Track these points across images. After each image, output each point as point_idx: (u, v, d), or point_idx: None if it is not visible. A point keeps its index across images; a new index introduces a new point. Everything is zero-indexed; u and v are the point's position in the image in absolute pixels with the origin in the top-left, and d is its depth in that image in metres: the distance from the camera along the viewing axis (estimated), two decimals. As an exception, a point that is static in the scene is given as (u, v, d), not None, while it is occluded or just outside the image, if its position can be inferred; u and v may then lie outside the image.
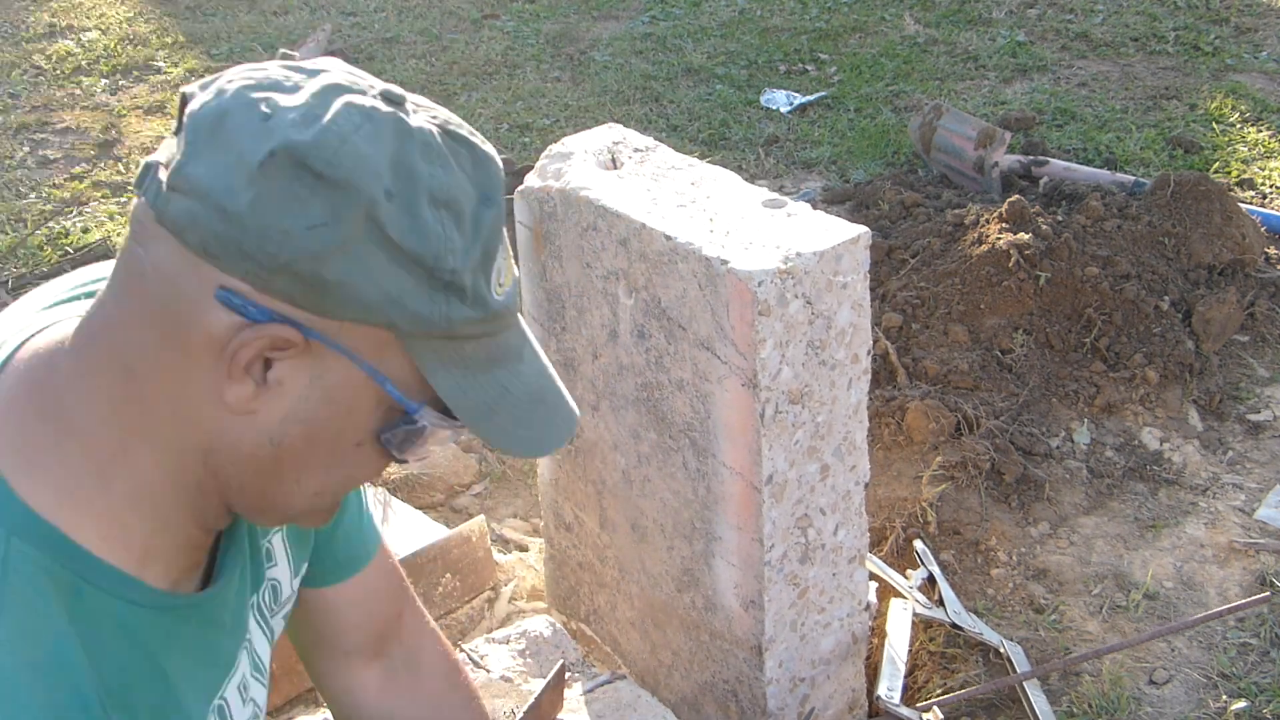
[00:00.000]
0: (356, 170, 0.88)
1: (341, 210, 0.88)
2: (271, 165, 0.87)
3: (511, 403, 1.00)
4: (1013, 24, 5.59)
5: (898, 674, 2.20)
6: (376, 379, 0.95)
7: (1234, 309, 3.18)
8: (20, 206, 4.37)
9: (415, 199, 0.90)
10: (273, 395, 0.93)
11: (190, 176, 0.88)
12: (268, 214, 0.87)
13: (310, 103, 0.90)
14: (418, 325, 0.93)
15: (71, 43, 5.89)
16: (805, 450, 1.83)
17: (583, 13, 6.08)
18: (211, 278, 0.89)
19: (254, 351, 0.90)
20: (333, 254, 0.88)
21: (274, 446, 0.96)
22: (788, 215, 1.81)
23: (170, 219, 0.89)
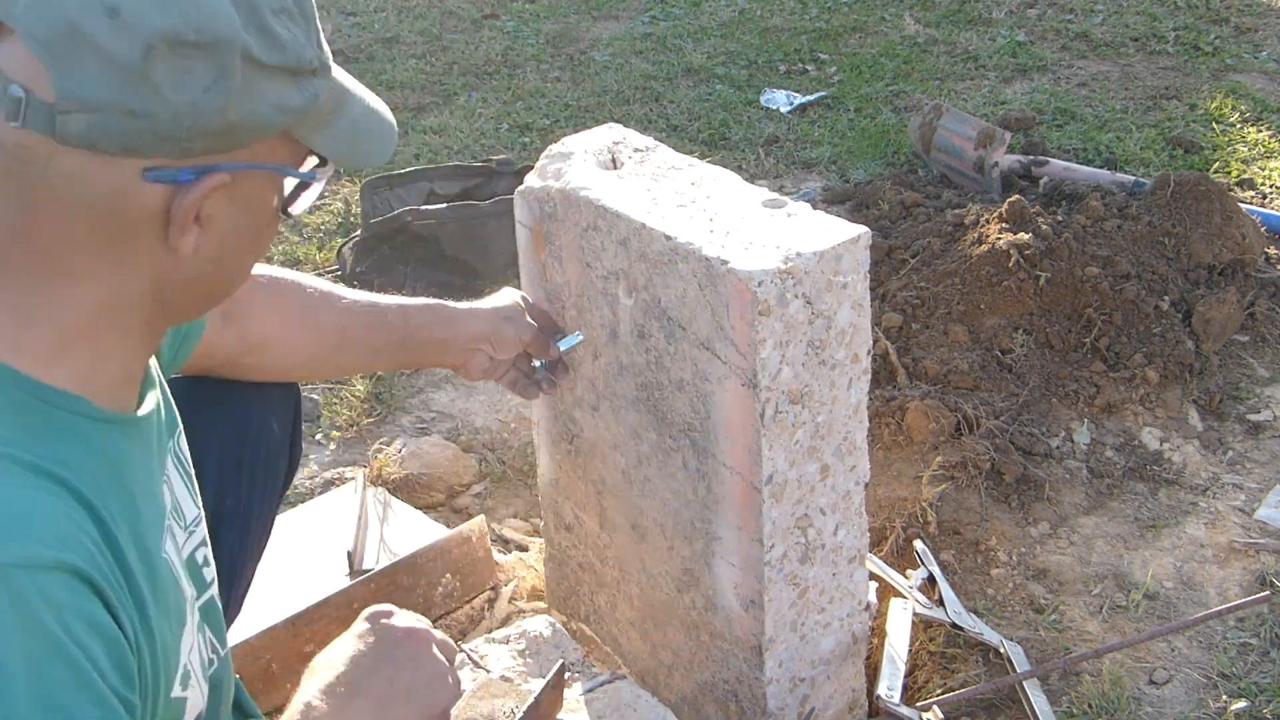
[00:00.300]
0: (217, 24, 0.98)
1: (223, 64, 0.99)
2: (153, 56, 0.95)
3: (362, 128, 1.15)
4: (1013, 24, 5.59)
5: (898, 674, 2.20)
6: (280, 173, 1.11)
7: (1234, 309, 3.18)
8: (20, 207, 4.37)
9: (265, 21, 1.01)
10: (209, 229, 1.06)
11: (78, 95, 0.95)
12: (168, 97, 0.97)
13: None
14: (299, 116, 1.07)
15: (71, 43, 5.89)
16: (805, 450, 1.83)
17: (583, 13, 6.08)
18: (133, 167, 1.00)
19: (194, 205, 1.03)
20: (231, 100, 1.00)
21: (215, 264, 1.11)
22: (788, 215, 1.82)
23: (77, 136, 0.96)
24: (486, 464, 2.98)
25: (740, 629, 1.96)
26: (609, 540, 2.18)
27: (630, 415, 2.00)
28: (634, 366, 1.95)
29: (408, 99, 5.13)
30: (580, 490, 2.21)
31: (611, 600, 2.25)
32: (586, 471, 2.17)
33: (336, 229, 4.15)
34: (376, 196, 4.01)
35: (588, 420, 2.11)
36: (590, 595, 2.32)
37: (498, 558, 2.60)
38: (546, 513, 2.36)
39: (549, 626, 2.25)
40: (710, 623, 2.01)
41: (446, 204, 3.85)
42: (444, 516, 2.78)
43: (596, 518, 2.20)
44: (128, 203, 1.01)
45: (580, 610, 2.37)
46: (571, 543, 2.31)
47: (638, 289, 1.87)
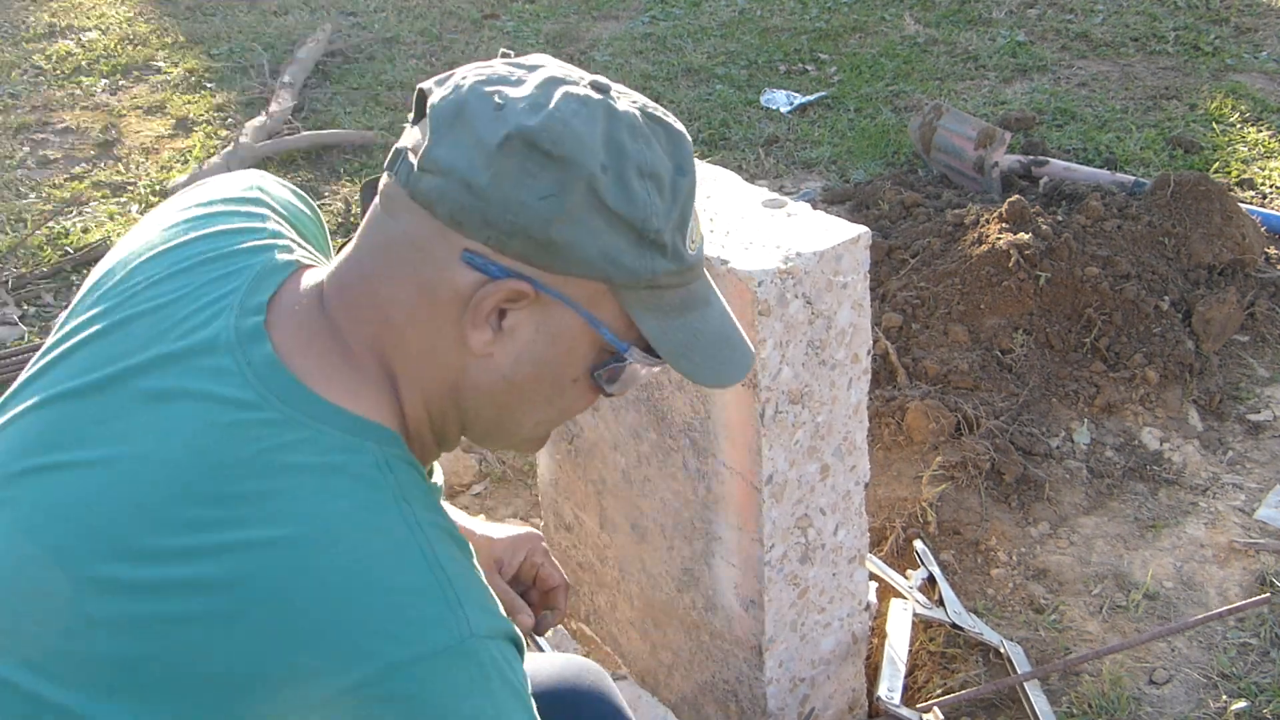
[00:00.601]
0: (577, 148, 1.04)
1: (566, 182, 1.04)
2: (508, 146, 1.03)
3: (703, 342, 1.16)
4: (1013, 24, 5.59)
5: (898, 674, 2.20)
6: (592, 324, 1.11)
7: (1234, 309, 3.18)
8: (20, 206, 4.37)
9: (625, 171, 1.06)
10: (507, 340, 1.10)
11: (438, 158, 1.05)
12: (506, 187, 1.04)
13: (535, 93, 1.06)
14: (628, 277, 1.09)
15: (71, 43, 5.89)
16: (805, 450, 1.83)
17: (583, 13, 6.08)
18: (457, 243, 1.06)
19: (494, 302, 1.07)
20: (559, 219, 1.04)
21: (506, 383, 1.13)
22: (788, 215, 1.81)
23: (422, 195, 1.05)
24: (486, 464, 2.98)
25: (740, 629, 1.96)
26: (609, 540, 2.18)
27: (630, 415, 2.00)
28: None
29: (408, 99, 5.13)
30: (580, 490, 2.21)
31: (611, 600, 2.25)
32: (587, 471, 2.17)
33: (336, 229, 4.15)
34: (376, 196, 4.01)
35: (588, 420, 2.11)
36: (590, 595, 2.32)
37: (498, 558, 2.60)
38: (546, 513, 2.36)
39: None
40: (710, 622, 2.01)
41: (446, 204, 3.84)
42: (444, 516, 2.78)
43: (596, 518, 2.20)
44: (444, 277, 1.07)
45: (580, 610, 2.37)
46: (572, 543, 2.31)
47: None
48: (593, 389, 1.18)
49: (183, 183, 4.38)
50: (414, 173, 1.06)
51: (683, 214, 1.11)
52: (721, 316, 1.20)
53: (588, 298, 1.10)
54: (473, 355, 1.10)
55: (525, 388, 1.14)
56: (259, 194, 1.30)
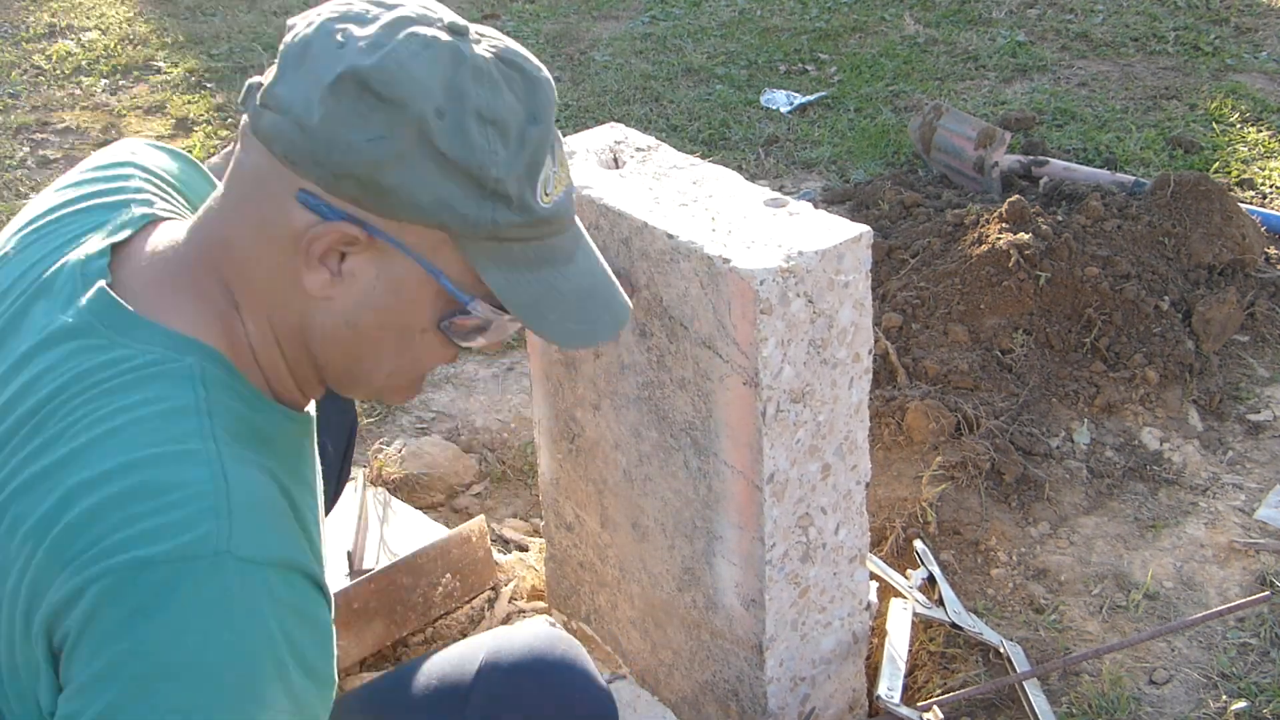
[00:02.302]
0: (410, 90, 1.02)
1: (396, 125, 1.02)
2: (339, 86, 1.02)
3: (559, 299, 1.13)
4: (1013, 24, 5.59)
5: (898, 674, 2.20)
6: (431, 273, 1.08)
7: (1234, 309, 3.18)
8: (20, 206, 4.37)
9: (464, 116, 1.03)
10: (346, 284, 1.09)
11: (277, 95, 1.04)
12: (335, 127, 1.02)
13: (378, 33, 1.04)
14: (467, 227, 1.06)
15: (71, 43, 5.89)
16: (806, 449, 1.83)
17: (583, 13, 6.08)
18: (293, 181, 1.05)
19: (326, 244, 1.06)
20: (389, 163, 1.02)
21: (350, 329, 1.11)
22: (789, 214, 1.82)
23: (262, 131, 1.05)
24: (486, 464, 2.98)
25: (741, 628, 1.96)
26: (610, 539, 2.18)
27: (631, 414, 2.00)
28: (635, 365, 1.95)
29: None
30: (581, 489, 2.21)
31: (612, 599, 2.25)
32: (587, 470, 2.17)
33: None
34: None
35: (589, 419, 2.11)
36: (591, 595, 2.32)
37: (498, 558, 2.60)
38: (547, 512, 2.36)
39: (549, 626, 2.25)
40: (711, 622, 2.01)
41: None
42: (444, 516, 2.78)
43: (597, 517, 2.20)
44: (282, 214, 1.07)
45: (580, 610, 2.37)
46: (572, 542, 2.31)
47: (639, 287, 1.87)
48: (445, 342, 1.16)
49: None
50: (257, 108, 1.07)
51: (532, 163, 1.07)
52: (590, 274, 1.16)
53: (429, 246, 1.08)
54: (312, 297, 1.09)
55: (370, 335, 1.12)
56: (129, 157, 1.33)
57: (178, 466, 1.01)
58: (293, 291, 1.10)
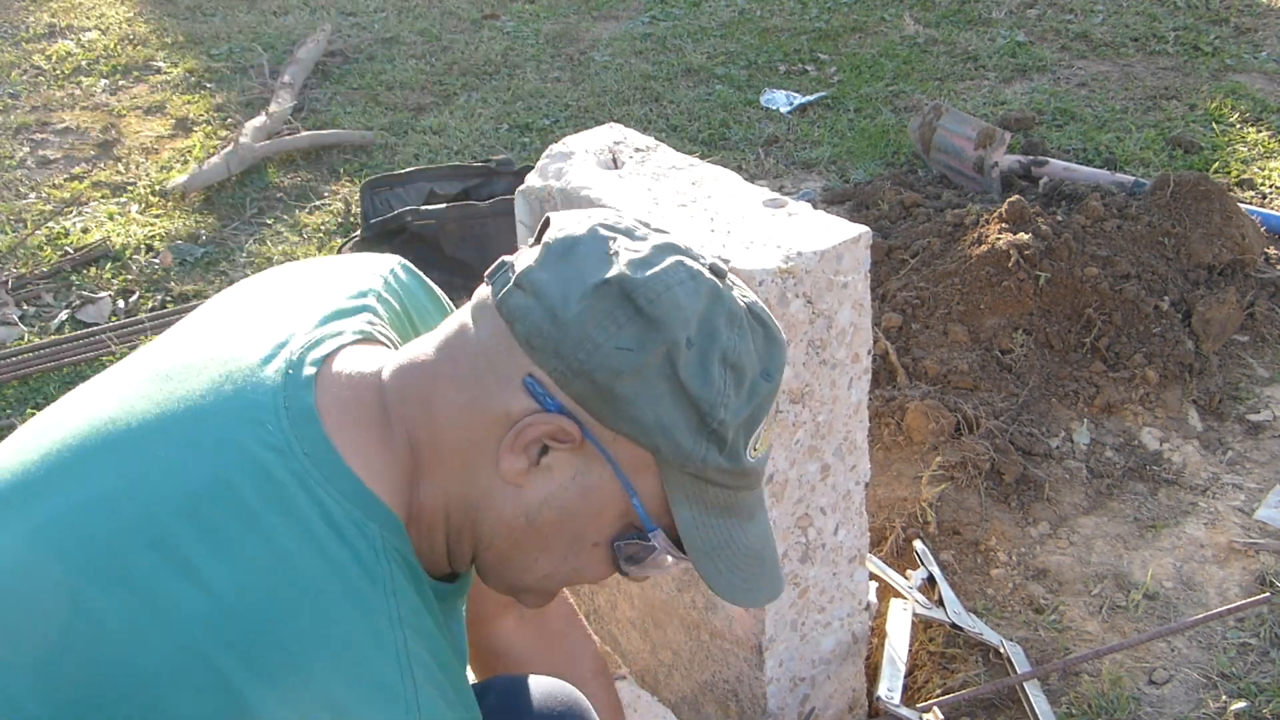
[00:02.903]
0: (670, 314, 1.04)
1: (648, 342, 1.04)
2: (604, 289, 1.04)
3: (733, 552, 1.13)
4: (1013, 24, 5.59)
5: (898, 674, 2.20)
6: (628, 491, 1.09)
7: (1234, 309, 3.18)
8: (20, 206, 4.37)
9: (709, 353, 1.06)
10: (540, 477, 1.09)
11: (536, 280, 1.06)
12: (587, 326, 1.04)
13: (650, 253, 1.07)
14: (678, 457, 1.07)
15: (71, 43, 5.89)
16: (806, 449, 1.83)
17: (583, 13, 6.08)
18: (524, 365, 1.06)
19: (538, 433, 1.06)
20: (629, 375, 1.04)
21: (528, 522, 1.11)
22: (788, 215, 1.82)
23: (507, 308, 1.06)
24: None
25: (740, 628, 1.96)
26: (609, 540, 2.18)
27: (630, 415, 2.00)
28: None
29: (408, 99, 5.13)
30: (580, 490, 2.21)
31: (612, 599, 2.25)
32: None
33: (336, 229, 4.15)
34: (376, 196, 4.02)
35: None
36: (590, 595, 2.32)
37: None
38: (547, 512, 2.35)
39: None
40: (710, 622, 2.01)
41: (446, 204, 3.84)
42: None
43: (597, 517, 2.19)
44: (501, 394, 1.06)
45: (580, 610, 2.37)
46: (572, 542, 2.31)
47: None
48: (610, 562, 1.15)
49: (182, 183, 4.39)
50: (509, 286, 1.07)
51: (754, 416, 1.10)
52: (763, 537, 1.17)
53: (631, 463, 1.08)
54: (502, 480, 1.09)
55: (544, 532, 1.12)
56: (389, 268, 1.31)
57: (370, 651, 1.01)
58: (482, 470, 1.09)
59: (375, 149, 4.72)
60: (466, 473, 1.10)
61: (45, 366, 3.44)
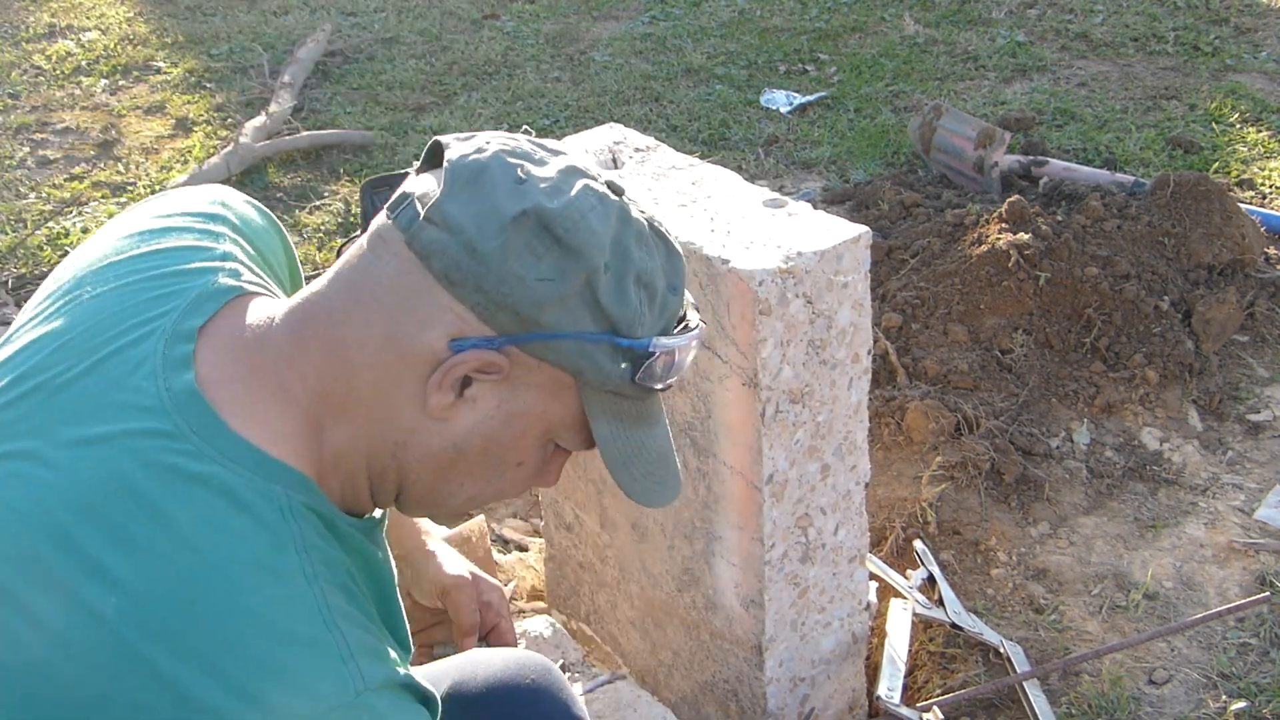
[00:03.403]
0: (587, 241, 1.05)
1: (568, 271, 1.04)
2: (522, 221, 1.04)
3: (645, 458, 1.17)
4: (1013, 24, 5.59)
5: (898, 674, 2.20)
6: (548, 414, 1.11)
7: (1234, 309, 3.18)
8: (20, 206, 4.37)
9: (625, 275, 1.07)
10: (466, 409, 1.09)
11: (447, 213, 1.04)
12: (509, 260, 1.03)
13: (557, 178, 1.07)
14: (599, 377, 1.09)
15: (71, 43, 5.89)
16: (806, 450, 1.83)
17: (583, 13, 6.08)
18: (444, 301, 1.05)
19: (466, 369, 1.06)
20: (552, 304, 1.05)
21: (455, 451, 1.12)
22: (788, 215, 1.82)
23: (420, 245, 1.05)
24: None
25: (741, 628, 1.96)
26: (609, 539, 2.18)
27: (630, 415, 2.00)
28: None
29: (408, 99, 5.13)
30: (580, 489, 2.21)
31: (612, 600, 2.25)
32: (587, 471, 2.17)
33: (336, 229, 4.15)
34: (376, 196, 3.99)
35: (588, 420, 2.11)
36: (590, 595, 2.31)
37: (498, 558, 2.60)
38: (547, 512, 2.36)
39: (549, 626, 2.25)
40: (710, 622, 2.01)
41: (446, 204, 3.84)
42: (444, 516, 2.78)
43: (597, 517, 2.20)
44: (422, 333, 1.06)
45: (580, 610, 2.37)
46: (572, 542, 2.31)
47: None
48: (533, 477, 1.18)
49: (182, 183, 4.39)
50: (418, 221, 1.05)
51: (665, 329, 1.12)
52: (665, 437, 1.21)
53: (554, 387, 1.10)
54: (428, 417, 1.09)
55: (471, 460, 1.13)
56: (220, 209, 1.27)
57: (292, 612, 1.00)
58: (405, 406, 1.09)
59: (375, 149, 4.72)
60: (386, 413, 1.09)
61: (45, 366, 3.43)
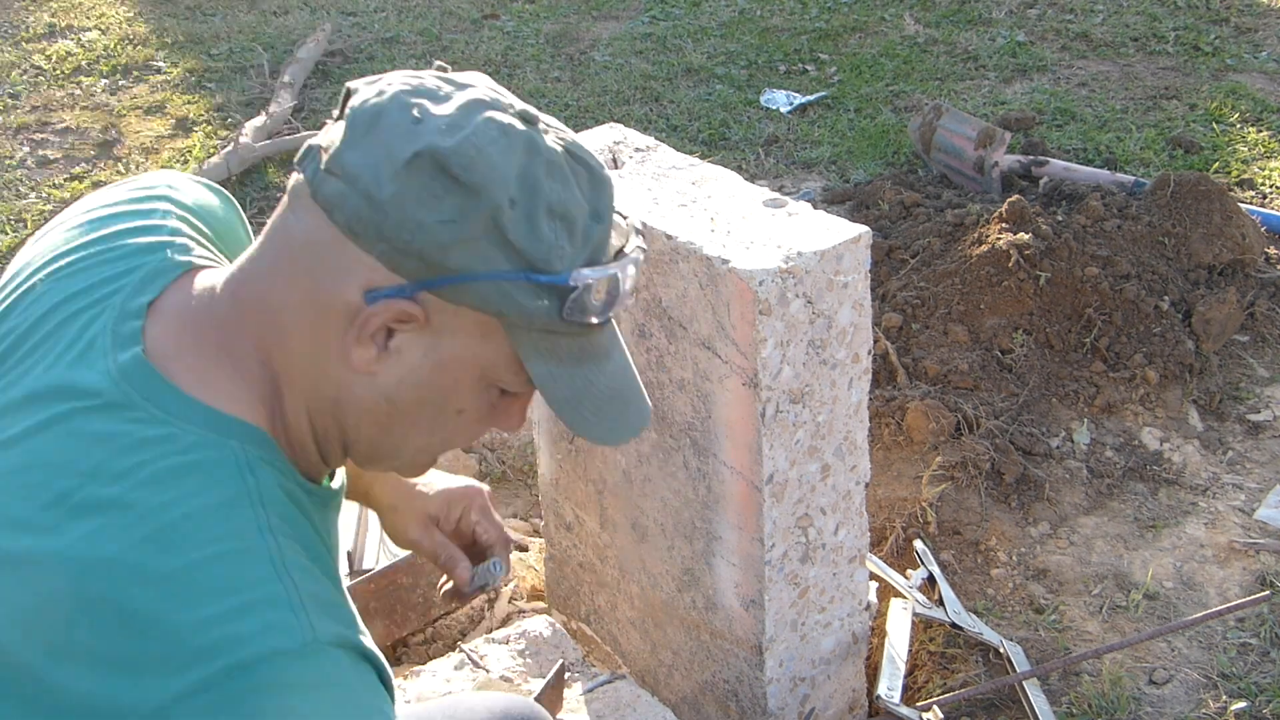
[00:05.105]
0: (487, 178, 1.01)
1: (469, 210, 1.01)
2: (416, 164, 1.00)
3: (594, 395, 1.13)
4: (1013, 24, 5.59)
5: (898, 674, 2.20)
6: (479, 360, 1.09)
7: (1234, 309, 3.18)
8: (20, 206, 4.37)
9: (534, 209, 1.03)
10: (391, 361, 1.08)
11: (345, 163, 1.02)
12: (406, 205, 1.01)
13: (456, 114, 1.03)
14: (522, 317, 1.05)
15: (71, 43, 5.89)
16: (806, 450, 1.83)
17: (583, 13, 6.08)
18: (352, 253, 1.03)
19: (381, 320, 1.04)
20: (457, 246, 1.02)
21: (389, 404, 1.10)
22: (789, 215, 1.82)
23: (323, 197, 1.03)
24: (486, 464, 2.98)
25: (741, 628, 1.96)
26: (609, 540, 2.18)
27: (631, 415, 2.00)
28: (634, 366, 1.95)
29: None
30: (580, 490, 2.21)
31: (612, 600, 2.25)
32: (587, 471, 2.17)
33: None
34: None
35: (588, 420, 2.11)
36: (590, 595, 2.31)
37: (498, 557, 2.60)
38: (547, 512, 2.36)
39: (549, 626, 2.25)
40: (710, 622, 2.01)
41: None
42: (444, 516, 2.78)
43: (597, 517, 2.20)
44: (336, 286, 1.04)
45: (580, 610, 2.37)
46: (572, 542, 2.31)
47: (638, 288, 1.87)
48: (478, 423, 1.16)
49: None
50: (319, 173, 1.04)
51: (593, 259, 1.08)
52: (621, 371, 1.17)
53: (480, 329, 1.07)
54: (354, 371, 1.08)
55: (407, 411, 1.11)
56: (166, 191, 1.26)
57: (242, 564, 1.00)
58: (334, 363, 1.08)
59: (375, 149, 4.72)
60: (318, 370, 1.09)
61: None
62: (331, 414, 1.12)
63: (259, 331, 1.09)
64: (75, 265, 1.17)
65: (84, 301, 1.12)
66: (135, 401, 1.04)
